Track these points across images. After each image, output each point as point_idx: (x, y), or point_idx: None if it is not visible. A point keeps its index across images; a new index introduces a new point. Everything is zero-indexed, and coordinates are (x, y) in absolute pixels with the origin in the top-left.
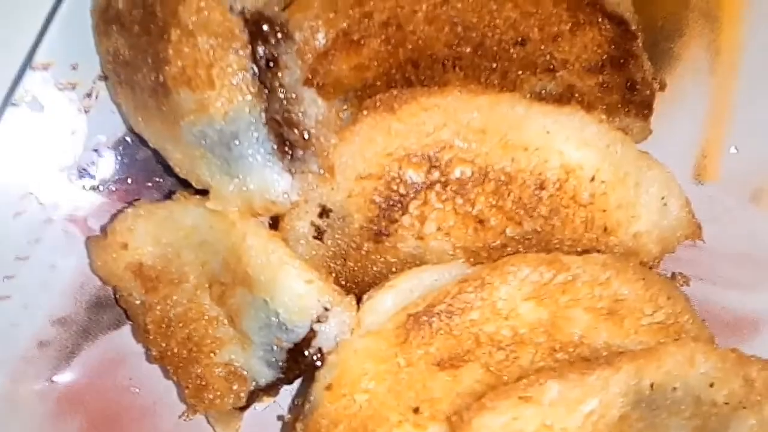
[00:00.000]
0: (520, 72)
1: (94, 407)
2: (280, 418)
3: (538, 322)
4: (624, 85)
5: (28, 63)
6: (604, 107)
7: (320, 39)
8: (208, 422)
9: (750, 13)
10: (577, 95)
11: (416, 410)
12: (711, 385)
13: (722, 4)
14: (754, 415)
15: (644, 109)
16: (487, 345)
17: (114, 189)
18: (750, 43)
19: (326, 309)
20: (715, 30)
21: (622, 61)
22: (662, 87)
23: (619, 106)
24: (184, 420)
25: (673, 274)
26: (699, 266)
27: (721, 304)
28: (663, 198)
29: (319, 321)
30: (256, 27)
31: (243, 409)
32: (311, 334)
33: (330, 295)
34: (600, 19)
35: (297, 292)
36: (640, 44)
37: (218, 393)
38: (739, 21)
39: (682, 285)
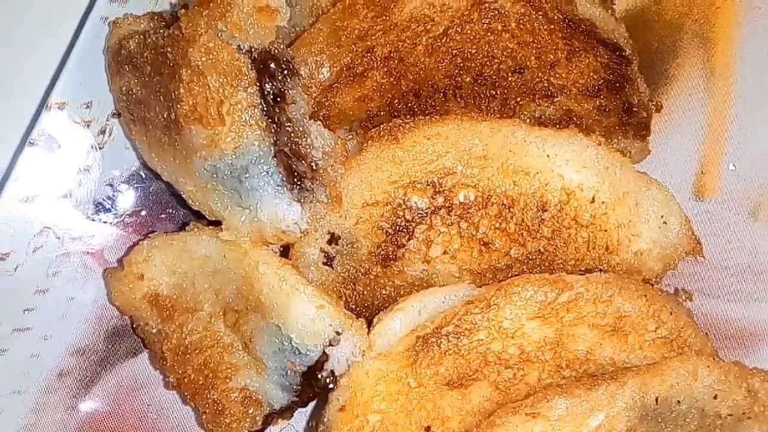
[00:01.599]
0: (518, 99)
1: None
2: None
3: (544, 341)
4: (621, 107)
5: (44, 103)
6: (603, 130)
7: (325, 73)
8: None
9: (743, 33)
10: (575, 119)
11: (427, 429)
12: (715, 398)
13: (715, 25)
14: (759, 425)
15: (642, 130)
16: (494, 364)
17: (129, 222)
18: (744, 62)
19: (338, 333)
20: (709, 51)
21: (618, 84)
22: (659, 108)
23: (617, 128)
24: None
25: (676, 289)
26: (701, 280)
27: (723, 317)
28: (663, 216)
29: (331, 345)
30: (263, 65)
31: None
32: (324, 357)
33: (341, 320)
34: (595, 46)
35: (309, 317)
36: (636, 68)
37: (235, 417)
38: (732, 41)
39: (684, 300)
